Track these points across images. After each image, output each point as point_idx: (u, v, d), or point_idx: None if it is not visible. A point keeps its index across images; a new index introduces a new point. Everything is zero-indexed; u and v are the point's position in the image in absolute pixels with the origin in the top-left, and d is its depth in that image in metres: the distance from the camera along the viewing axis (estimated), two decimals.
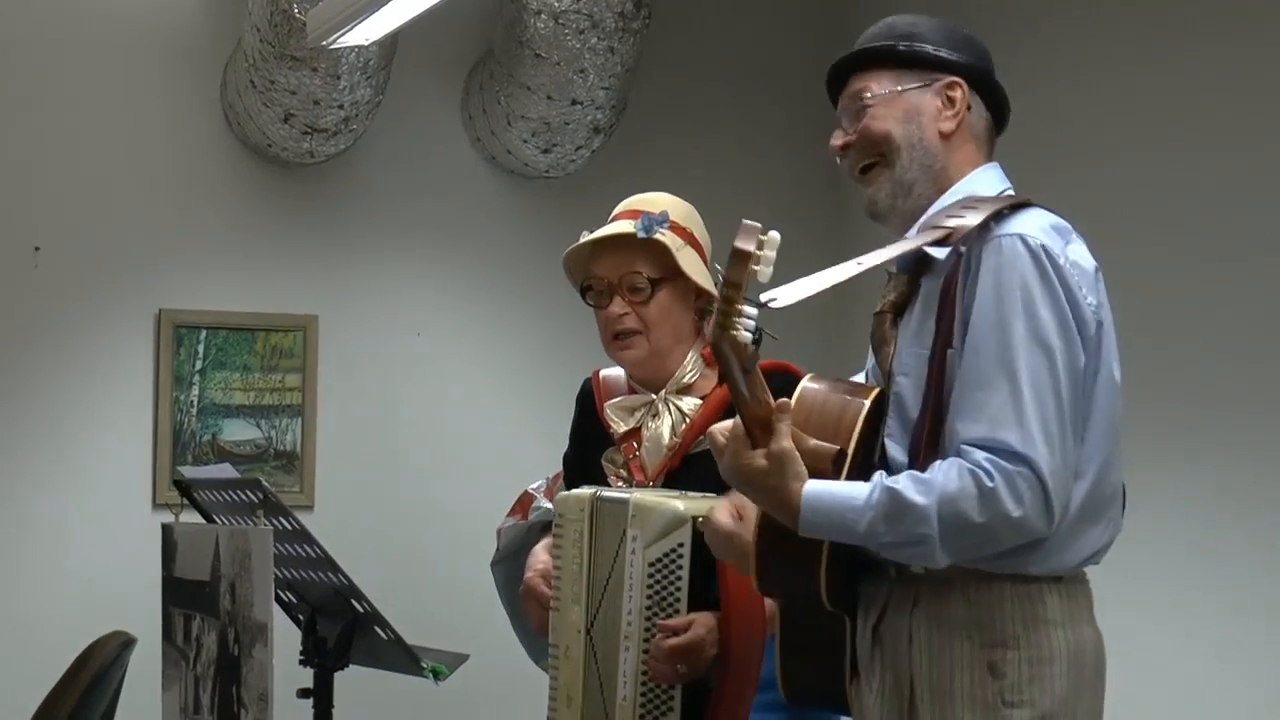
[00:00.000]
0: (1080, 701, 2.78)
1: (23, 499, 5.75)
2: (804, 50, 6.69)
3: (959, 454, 2.66)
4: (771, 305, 2.56)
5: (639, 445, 3.57)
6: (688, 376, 3.58)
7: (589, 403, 3.74)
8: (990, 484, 2.62)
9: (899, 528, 2.64)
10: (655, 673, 3.28)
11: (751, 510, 2.86)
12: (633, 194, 3.76)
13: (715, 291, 3.57)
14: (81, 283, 5.82)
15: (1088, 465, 2.76)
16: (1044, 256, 2.71)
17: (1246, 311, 4.98)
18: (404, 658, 3.86)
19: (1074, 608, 2.80)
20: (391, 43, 5.58)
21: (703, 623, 3.26)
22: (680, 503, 3.28)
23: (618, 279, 3.58)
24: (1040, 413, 2.65)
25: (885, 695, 2.83)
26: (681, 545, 3.24)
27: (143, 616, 4.63)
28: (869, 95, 2.94)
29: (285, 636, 3.69)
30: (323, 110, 5.65)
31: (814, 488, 2.66)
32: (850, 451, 2.73)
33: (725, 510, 2.98)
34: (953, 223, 2.78)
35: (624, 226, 3.56)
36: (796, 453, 2.66)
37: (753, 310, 2.54)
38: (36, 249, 5.78)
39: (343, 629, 3.87)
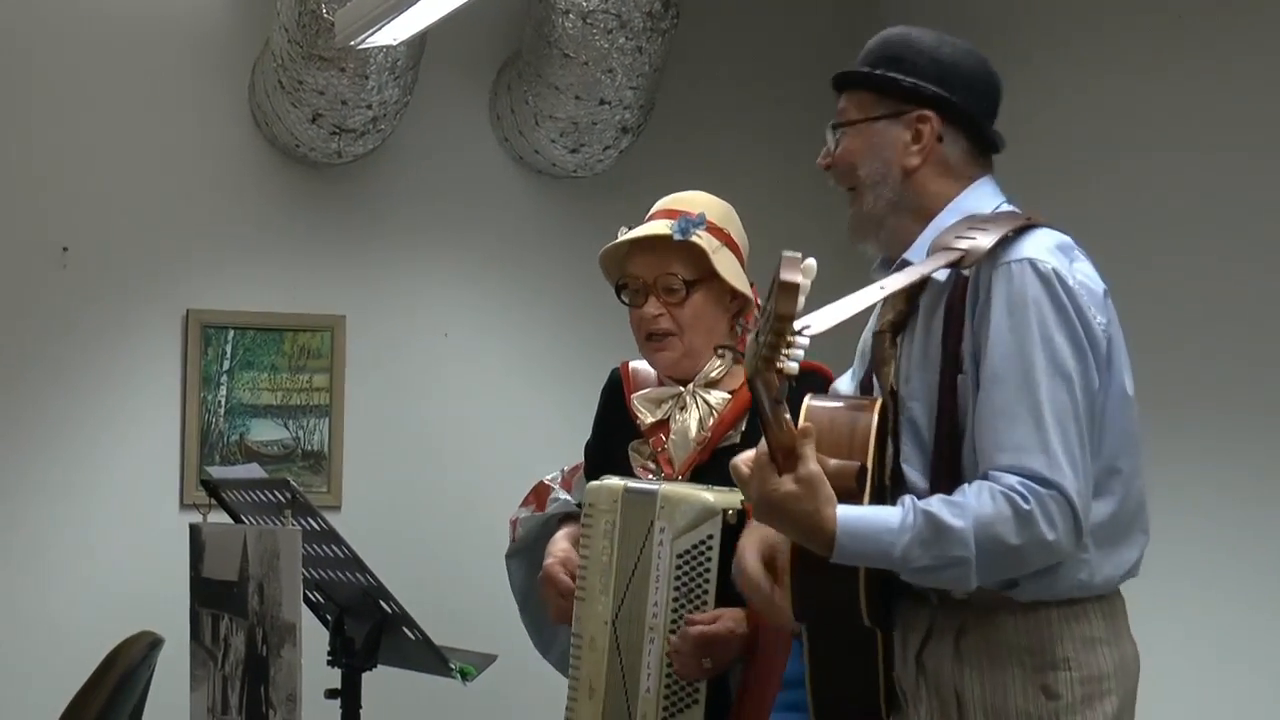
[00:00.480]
0: (1124, 713, 2.81)
1: (50, 499, 5.76)
2: (830, 49, 6.67)
3: (987, 479, 2.66)
4: (806, 334, 2.52)
5: (667, 437, 3.57)
6: (715, 371, 3.58)
7: (616, 393, 3.73)
8: (1026, 507, 2.61)
9: (935, 551, 2.62)
10: (680, 666, 3.27)
11: (784, 551, 2.86)
12: (660, 194, 3.75)
13: (748, 293, 3.57)
14: (109, 283, 5.83)
15: (1112, 481, 2.77)
16: (1055, 281, 2.71)
17: (1261, 312, 4.96)
18: (432, 658, 3.85)
19: (1116, 624, 2.82)
20: (420, 43, 5.57)
21: (730, 616, 3.25)
22: (710, 495, 3.27)
23: (653, 279, 3.58)
24: (1063, 439, 2.65)
25: (933, 717, 2.82)
26: (711, 537, 3.24)
27: (170, 617, 4.64)
28: (841, 121, 2.96)
29: (313, 637, 3.68)
30: (351, 110, 5.64)
31: (848, 512, 2.63)
32: (870, 467, 2.71)
33: (753, 551, 2.95)
34: (965, 244, 2.77)
35: (660, 227, 3.56)
36: (824, 477, 2.63)
37: (805, 342, 2.50)
38: (65, 249, 5.78)
39: (371, 629, 3.86)
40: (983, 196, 2.91)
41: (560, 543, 3.62)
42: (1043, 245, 2.75)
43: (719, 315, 3.58)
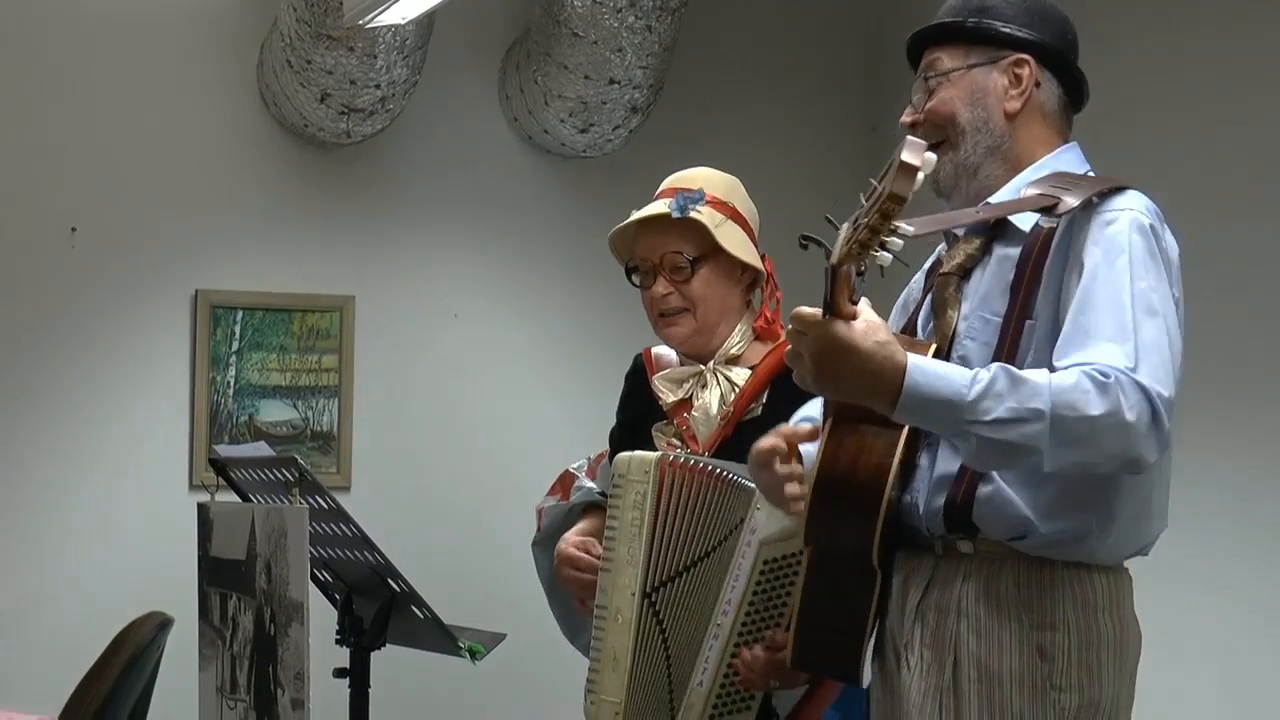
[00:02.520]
0: (1121, 689, 2.78)
1: (59, 480, 5.76)
2: (841, 29, 6.66)
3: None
4: (902, 234, 2.45)
5: (690, 414, 3.56)
6: (735, 348, 3.59)
7: (640, 377, 3.75)
8: (1106, 379, 2.53)
9: (1011, 401, 2.52)
10: (746, 679, 3.24)
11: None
12: (670, 174, 3.75)
13: (757, 265, 3.57)
14: (118, 263, 5.82)
15: None
16: (1152, 236, 2.71)
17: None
18: (441, 637, 3.85)
19: (1119, 595, 2.79)
20: (428, 22, 5.56)
21: None
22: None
23: (659, 259, 3.59)
24: (1152, 359, 2.59)
25: (924, 672, 2.80)
26: (801, 552, 3.18)
27: (180, 597, 4.64)
28: (935, 73, 2.94)
29: (321, 616, 3.68)
30: (359, 90, 5.63)
31: (918, 357, 2.55)
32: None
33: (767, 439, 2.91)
34: (1059, 194, 2.76)
35: (661, 206, 3.57)
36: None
37: (909, 230, 2.41)
38: (73, 230, 5.78)
39: (379, 608, 3.86)
40: (1070, 162, 2.91)
41: (572, 536, 3.62)
42: (1143, 203, 2.75)
43: (730, 289, 3.58)
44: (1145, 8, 5.42)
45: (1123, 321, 2.61)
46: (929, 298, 2.93)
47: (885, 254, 2.42)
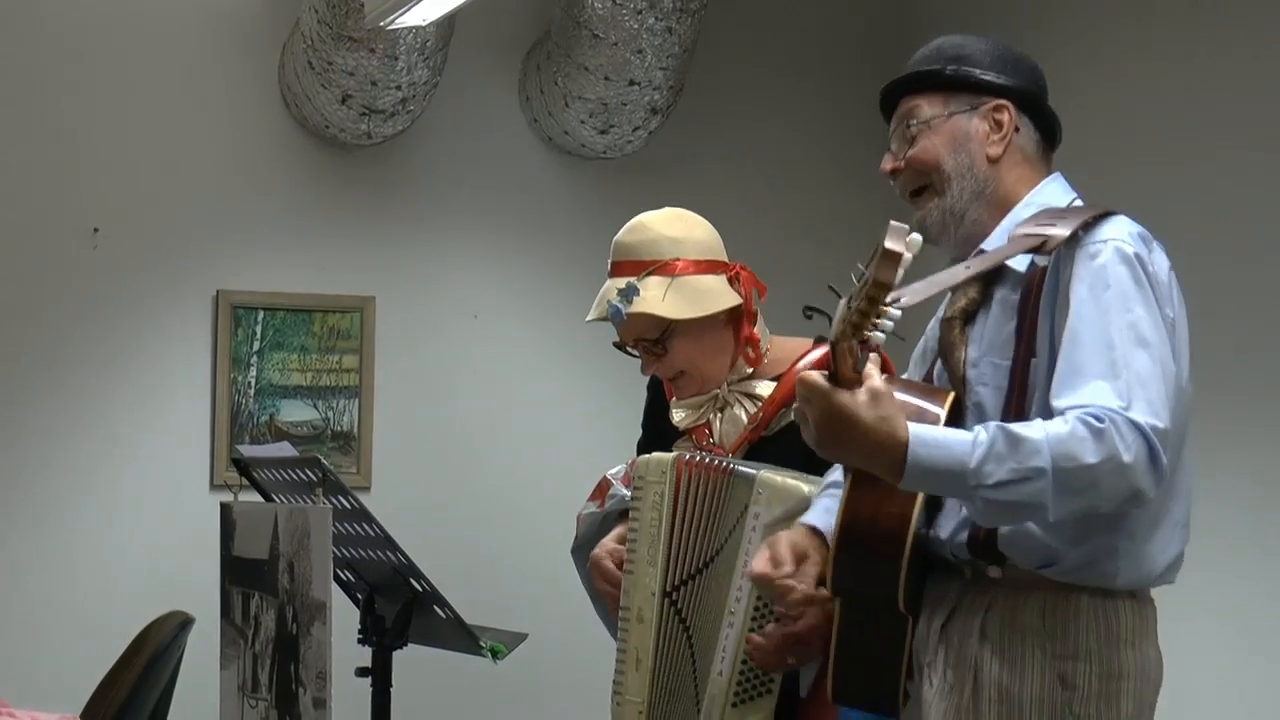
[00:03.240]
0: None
1: (81, 479, 5.77)
2: (860, 32, 6.66)
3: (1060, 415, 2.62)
4: (897, 306, 2.49)
5: (710, 432, 3.57)
6: (747, 368, 3.59)
7: (659, 391, 3.77)
8: (1101, 425, 2.55)
9: (1012, 462, 2.54)
10: (763, 661, 3.25)
11: (783, 548, 2.90)
12: (689, 175, 3.77)
13: (730, 304, 3.54)
14: (140, 263, 5.83)
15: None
16: (1138, 265, 2.71)
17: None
18: (462, 637, 3.85)
19: (1144, 627, 2.80)
20: (449, 23, 5.56)
21: (814, 613, 3.22)
22: (807, 486, 3.23)
23: (632, 342, 3.62)
24: (1144, 394, 2.60)
25: (945, 692, 2.81)
26: None
27: (201, 596, 4.65)
28: (916, 120, 2.96)
29: (344, 615, 3.68)
30: (380, 91, 5.64)
31: (920, 427, 2.58)
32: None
33: (762, 556, 2.97)
34: (1046, 232, 2.77)
35: (603, 307, 3.60)
36: (896, 397, 2.59)
37: (896, 313, 2.47)
38: (95, 230, 5.79)
39: (401, 608, 3.86)
40: (1055, 193, 2.93)
41: (608, 544, 3.63)
42: (1126, 230, 2.76)
43: (713, 335, 3.57)
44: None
45: (1112, 358, 2.63)
46: (939, 342, 2.94)
47: (879, 334, 2.48)
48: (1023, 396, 2.73)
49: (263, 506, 4.04)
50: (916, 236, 2.46)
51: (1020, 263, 2.80)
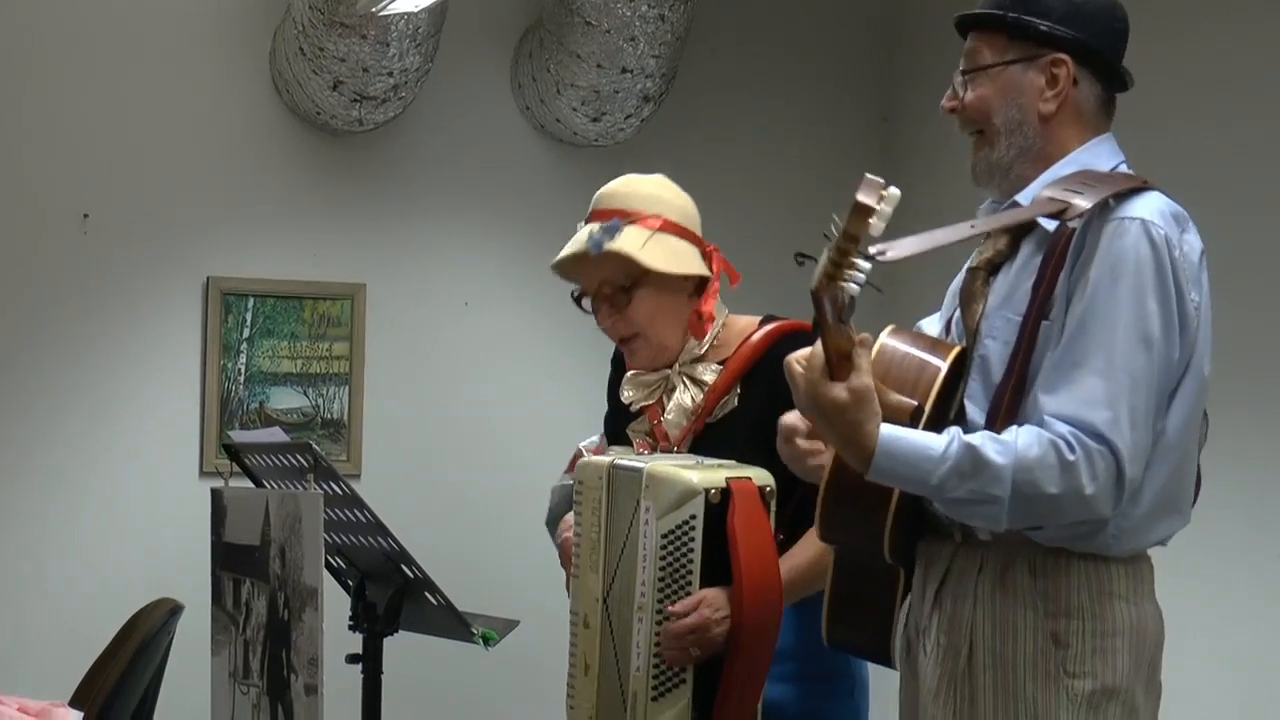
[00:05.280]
0: (1139, 677, 2.78)
1: (70, 467, 5.76)
2: (854, 18, 6.66)
3: (1042, 424, 2.64)
4: (880, 259, 2.52)
5: (662, 412, 3.56)
6: (698, 349, 3.57)
7: (619, 367, 3.77)
8: (1071, 457, 2.60)
9: (972, 484, 2.61)
10: (669, 656, 3.25)
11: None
12: (681, 163, 3.76)
13: (701, 273, 3.54)
14: (130, 250, 5.82)
15: (1167, 455, 2.74)
16: (1165, 248, 2.69)
17: None
18: (454, 623, 3.84)
19: (1138, 584, 2.79)
20: (441, 9, 5.55)
21: (709, 602, 3.22)
22: (694, 474, 3.23)
23: (594, 290, 3.59)
24: (1130, 401, 2.64)
25: (940, 657, 2.82)
26: (694, 517, 3.20)
27: (190, 583, 4.64)
28: (973, 66, 2.91)
29: (335, 602, 3.68)
30: (371, 78, 5.63)
31: (890, 432, 2.62)
32: (927, 410, 2.70)
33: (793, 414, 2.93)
34: (1070, 198, 2.74)
35: (581, 240, 3.55)
36: (874, 392, 2.60)
37: (866, 265, 2.49)
38: (85, 216, 5.78)
39: (392, 594, 3.85)
40: (1100, 155, 2.89)
41: (570, 519, 3.62)
42: (1157, 208, 2.73)
43: (674, 300, 3.55)
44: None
45: (1113, 354, 2.64)
46: (960, 291, 2.94)
47: (852, 285, 2.50)
48: (1028, 357, 2.73)
49: (254, 492, 4.02)
50: (894, 190, 2.49)
51: (1051, 221, 2.78)
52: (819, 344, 2.60)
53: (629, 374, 3.65)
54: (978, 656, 2.77)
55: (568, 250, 3.59)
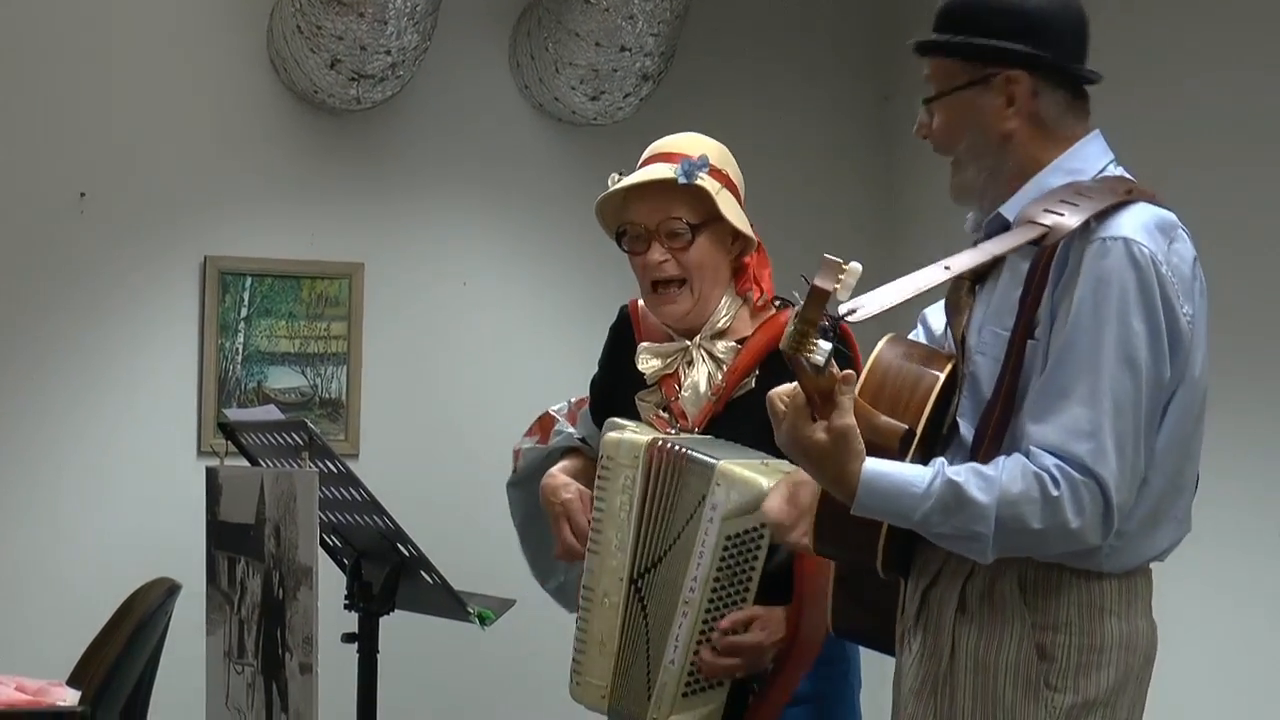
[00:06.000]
0: (1125, 693, 2.75)
1: (68, 447, 5.75)
2: None
3: (1027, 455, 2.62)
4: (852, 319, 2.51)
5: (679, 386, 3.52)
6: (722, 321, 3.52)
7: (625, 332, 3.68)
8: (1055, 492, 2.58)
9: (955, 521, 2.60)
10: (709, 667, 3.24)
11: (808, 489, 2.85)
12: None
13: (750, 234, 3.52)
14: (126, 229, 5.81)
15: (1158, 470, 2.71)
16: (1149, 267, 2.63)
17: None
18: (450, 603, 3.83)
19: (1132, 599, 2.76)
20: None
21: (764, 623, 3.22)
22: (766, 479, 3.18)
23: (655, 225, 3.50)
24: (1116, 428, 2.60)
25: (922, 659, 2.81)
26: (763, 526, 3.16)
27: (188, 562, 4.64)
28: (928, 96, 2.87)
29: (330, 581, 3.67)
30: (369, 56, 5.61)
31: (873, 468, 2.61)
32: (919, 432, 2.68)
33: (779, 498, 2.96)
34: (1049, 220, 2.68)
35: (663, 171, 3.48)
36: (857, 430, 2.59)
37: (827, 346, 2.50)
38: (82, 195, 5.76)
39: (388, 573, 3.84)
40: (1089, 157, 2.81)
41: (560, 476, 3.58)
42: (1142, 224, 2.67)
43: (723, 259, 3.51)
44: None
45: (1097, 380, 2.61)
46: (945, 299, 2.92)
47: (817, 358, 2.50)
48: (1015, 377, 2.69)
49: (249, 471, 4.01)
50: (855, 266, 2.48)
51: (1033, 229, 2.71)
52: (799, 385, 2.60)
53: (644, 346, 3.58)
54: (959, 660, 2.75)
55: (646, 176, 3.49)
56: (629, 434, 3.41)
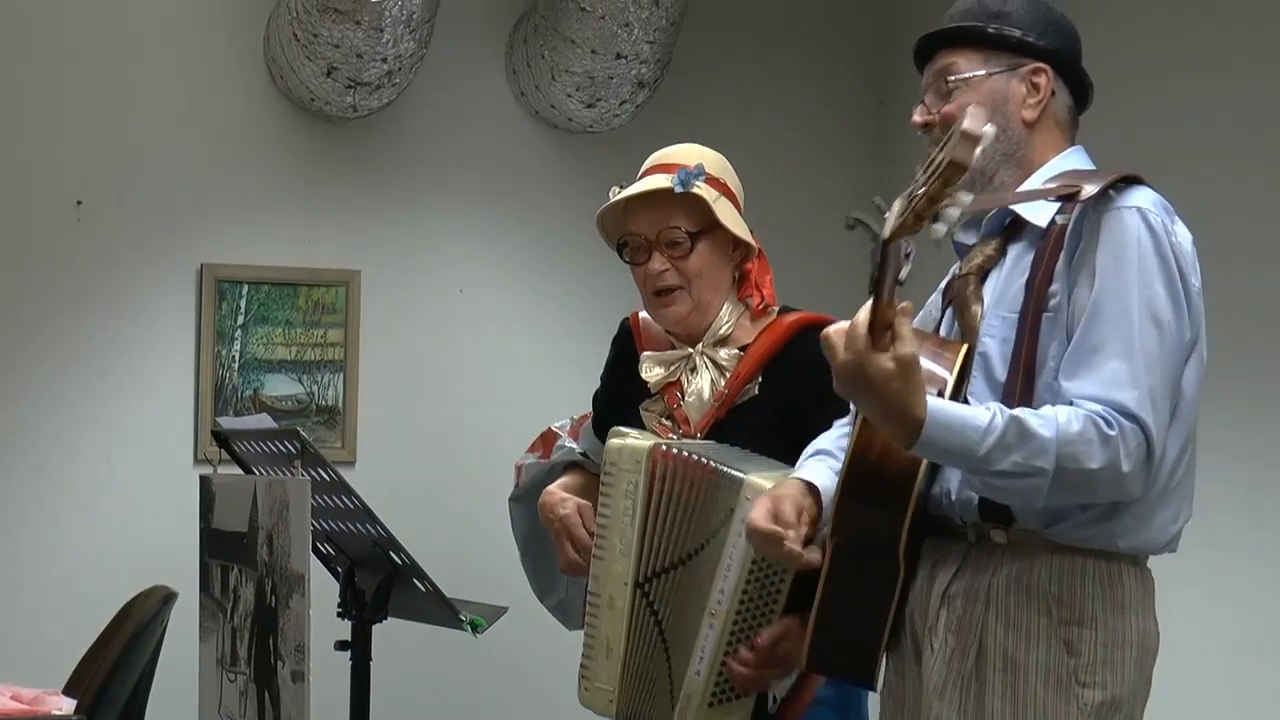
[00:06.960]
0: (1139, 690, 2.79)
1: (64, 454, 5.75)
2: (850, 3, 6.64)
3: (1072, 404, 2.65)
4: (960, 203, 2.45)
5: (682, 395, 3.53)
6: (724, 328, 3.54)
7: (628, 345, 3.70)
8: (1110, 432, 2.62)
9: (1017, 456, 2.60)
10: (739, 681, 3.25)
11: (788, 506, 2.87)
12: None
13: (749, 241, 3.54)
14: (123, 237, 5.81)
15: (1178, 433, 2.76)
16: (1164, 235, 2.73)
17: None
18: (442, 610, 3.84)
19: (1146, 596, 2.81)
20: None
21: (795, 635, 3.20)
22: None
23: (655, 235, 3.53)
24: (1149, 380, 2.66)
25: (947, 657, 2.81)
26: None
27: (184, 570, 4.63)
28: (955, 76, 2.93)
29: (323, 589, 3.67)
30: (366, 64, 5.61)
31: (937, 402, 2.59)
32: (948, 394, 2.69)
33: (762, 508, 2.94)
34: (1079, 183, 2.77)
35: (660, 181, 3.51)
36: (920, 363, 2.56)
37: (967, 199, 2.41)
38: (78, 203, 5.76)
39: (381, 581, 3.85)
40: (1076, 163, 2.93)
41: (557, 492, 3.59)
42: (1151, 199, 2.78)
43: (723, 265, 3.54)
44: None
45: (1129, 335, 2.67)
46: (951, 301, 2.95)
47: (940, 225, 2.43)
48: (1033, 350, 2.75)
49: (242, 479, 4.02)
50: (991, 128, 2.42)
51: (1040, 218, 2.82)
52: (863, 313, 2.53)
53: (647, 355, 3.60)
54: (988, 658, 2.76)
55: (644, 187, 3.53)
56: (631, 440, 3.41)
